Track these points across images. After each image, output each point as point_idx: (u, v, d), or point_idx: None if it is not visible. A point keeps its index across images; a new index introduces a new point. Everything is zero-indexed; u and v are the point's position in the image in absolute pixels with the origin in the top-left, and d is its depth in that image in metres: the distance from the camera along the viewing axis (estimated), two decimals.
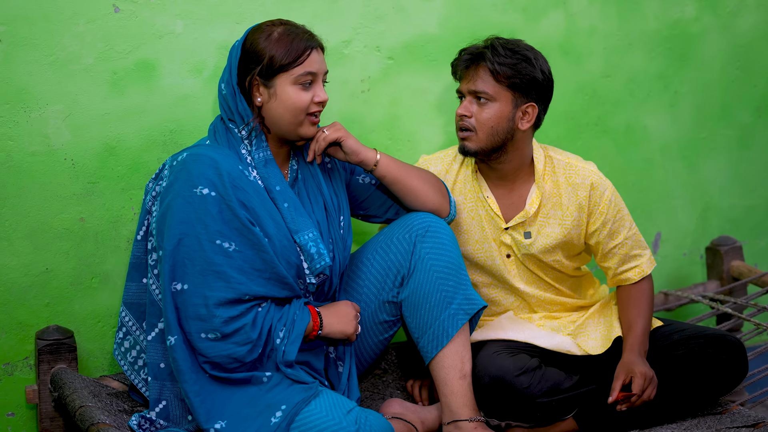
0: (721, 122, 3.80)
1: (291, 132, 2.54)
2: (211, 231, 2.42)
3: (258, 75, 2.50)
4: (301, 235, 2.53)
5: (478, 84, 2.72)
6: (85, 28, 2.76)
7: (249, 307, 2.45)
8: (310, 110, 2.53)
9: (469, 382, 2.64)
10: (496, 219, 2.84)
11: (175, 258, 2.42)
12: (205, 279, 2.41)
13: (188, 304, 2.42)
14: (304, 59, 2.49)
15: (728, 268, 3.60)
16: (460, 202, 2.87)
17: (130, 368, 2.64)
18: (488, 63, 2.71)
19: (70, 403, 2.56)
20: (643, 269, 2.88)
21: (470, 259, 2.89)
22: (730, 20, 3.73)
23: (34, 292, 2.81)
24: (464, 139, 2.76)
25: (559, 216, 2.83)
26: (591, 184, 2.82)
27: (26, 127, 2.74)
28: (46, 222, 2.80)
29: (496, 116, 2.72)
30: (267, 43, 2.50)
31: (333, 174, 2.71)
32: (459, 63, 2.78)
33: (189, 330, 2.42)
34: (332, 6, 3.07)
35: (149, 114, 2.87)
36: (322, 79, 2.55)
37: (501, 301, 2.92)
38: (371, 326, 2.75)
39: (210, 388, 2.45)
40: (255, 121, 2.53)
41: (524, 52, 2.73)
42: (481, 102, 2.72)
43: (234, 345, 2.42)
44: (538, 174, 2.82)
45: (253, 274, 2.45)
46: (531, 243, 2.83)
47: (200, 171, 2.43)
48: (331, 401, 2.42)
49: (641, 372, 2.63)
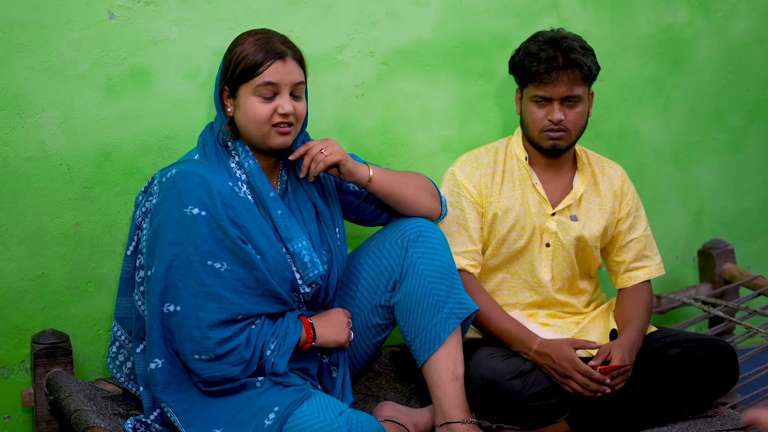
0: (713, 126, 3.81)
1: (260, 143, 2.52)
2: (202, 252, 2.41)
3: (226, 84, 2.51)
4: (294, 243, 2.53)
5: (574, 90, 2.80)
6: (80, 35, 2.78)
7: (242, 326, 2.45)
8: (273, 121, 2.48)
9: (462, 385, 2.66)
10: (544, 205, 2.92)
11: (167, 280, 2.41)
12: (197, 300, 2.41)
13: (181, 326, 2.41)
14: (263, 70, 2.45)
15: (720, 271, 3.62)
16: (509, 189, 2.93)
17: (127, 379, 2.67)
18: (583, 68, 2.78)
19: (66, 406, 2.57)
20: (651, 271, 3.00)
21: (509, 246, 2.92)
22: (722, 25, 3.74)
23: (30, 296, 2.83)
24: (558, 139, 2.85)
25: (598, 203, 2.97)
26: (622, 175, 3.03)
27: (22, 133, 2.76)
28: (42, 227, 2.81)
29: (584, 113, 2.87)
30: (234, 54, 2.49)
31: (325, 184, 2.70)
32: (544, 69, 2.77)
33: (182, 351, 2.42)
34: (326, 12, 3.09)
35: (144, 119, 2.88)
36: (292, 90, 2.49)
37: (515, 294, 2.96)
38: (364, 330, 2.76)
39: (203, 402, 2.45)
40: (225, 128, 2.52)
41: (587, 44, 2.85)
42: (570, 103, 2.82)
43: (228, 365, 2.42)
44: (580, 162, 2.97)
45: (246, 293, 2.45)
46: (579, 225, 2.93)
47: (190, 190, 2.42)
48: (323, 403, 2.43)
49: (620, 357, 2.69)
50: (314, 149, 2.55)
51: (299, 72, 2.53)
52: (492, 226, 2.92)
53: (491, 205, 2.91)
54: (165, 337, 2.43)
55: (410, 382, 3.07)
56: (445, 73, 3.30)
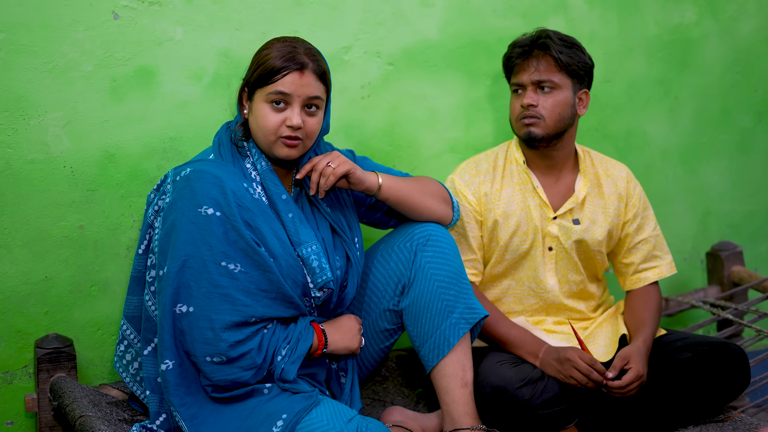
0: (721, 127, 3.79)
1: (267, 150, 2.49)
2: (216, 252, 2.39)
3: (246, 86, 2.50)
4: (303, 247, 2.50)
5: (543, 73, 2.79)
6: (84, 35, 2.75)
7: (255, 330, 2.42)
8: (281, 133, 2.45)
9: (471, 391, 2.63)
10: (545, 209, 2.89)
11: (180, 280, 2.39)
12: (210, 302, 2.38)
13: (194, 327, 2.38)
14: (278, 78, 2.43)
15: (729, 274, 3.60)
16: (509, 194, 2.90)
17: (132, 380, 2.63)
18: (552, 51, 2.78)
19: (70, 412, 2.54)
20: (662, 271, 2.98)
21: (511, 251, 2.90)
22: (730, 25, 3.72)
23: (34, 300, 2.80)
24: (530, 125, 2.81)
25: (602, 205, 2.93)
26: (627, 176, 2.98)
27: (25, 135, 2.73)
28: (46, 230, 2.78)
29: (562, 103, 2.81)
30: (258, 57, 2.48)
31: (339, 194, 2.67)
32: (516, 54, 2.84)
33: (194, 353, 2.39)
34: (332, 12, 3.06)
35: (149, 121, 2.85)
36: (304, 104, 2.46)
37: (521, 301, 2.94)
38: (372, 335, 2.74)
39: (210, 408, 2.42)
40: (238, 128, 2.51)
41: (575, 40, 2.85)
42: (545, 91, 2.80)
43: (239, 369, 2.39)
44: (583, 164, 2.92)
45: (259, 295, 2.42)
46: (581, 229, 2.89)
47: (204, 190, 2.40)
48: (332, 410, 2.40)
49: (637, 368, 2.67)
50: (320, 164, 2.52)
51: (317, 86, 2.48)
52: (493, 233, 2.89)
53: (491, 212, 2.89)
54: (176, 338, 2.41)
55: (417, 386, 3.05)
56: (452, 73, 3.28)
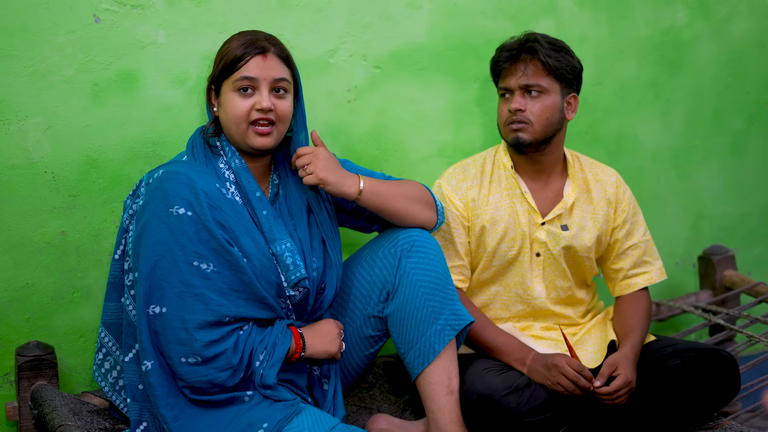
0: (713, 129, 3.77)
1: (241, 143, 2.49)
2: (188, 252, 2.37)
3: (212, 83, 2.51)
4: (278, 244, 2.48)
5: (530, 77, 2.76)
6: (65, 39, 2.72)
7: (230, 330, 2.39)
8: (251, 118, 2.46)
9: (457, 399, 2.61)
10: (533, 214, 2.86)
11: (151, 280, 2.37)
12: (183, 302, 2.36)
13: (167, 328, 2.36)
14: (242, 64, 2.44)
15: (721, 278, 3.56)
16: (496, 199, 2.87)
17: (111, 389, 2.60)
18: (540, 55, 2.76)
19: (50, 421, 2.51)
20: (652, 276, 2.96)
21: (498, 257, 2.87)
22: (722, 27, 3.70)
23: (15, 307, 2.77)
24: (518, 130, 2.78)
25: (590, 210, 2.90)
26: (616, 181, 2.95)
27: (5, 140, 2.70)
28: (27, 236, 2.75)
29: (550, 108, 2.78)
30: (220, 52, 2.51)
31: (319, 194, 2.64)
32: (504, 58, 2.82)
33: (169, 354, 2.37)
34: (317, 15, 3.03)
35: (131, 125, 2.82)
36: (272, 87, 2.47)
37: (508, 307, 2.91)
38: (356, 341, 2.71)
39: (190, 411, 2.40)
40: (209, 125, 2.51)
41: (564, 44, 2.82)
42: (533, 95, 2.77)
43: (215, 370, 2.37)
44: (572, 169, 2.90)
45: (232, 295, 2.40)
46: (570, 235, 2.87)
47: (176, 190, 2.38)
48: (314, 418, 2.38)
49: (625, 375, 2.65)
50: (304, 159, 2.52)
51: (282, 69, 2.49)
52: (480, 239, 2.86)
53: (478, 217, 2.86)
54: (152, 340, 2.38)
55: (404, 393, 3.02)
56: (440, 76, 3.25)
